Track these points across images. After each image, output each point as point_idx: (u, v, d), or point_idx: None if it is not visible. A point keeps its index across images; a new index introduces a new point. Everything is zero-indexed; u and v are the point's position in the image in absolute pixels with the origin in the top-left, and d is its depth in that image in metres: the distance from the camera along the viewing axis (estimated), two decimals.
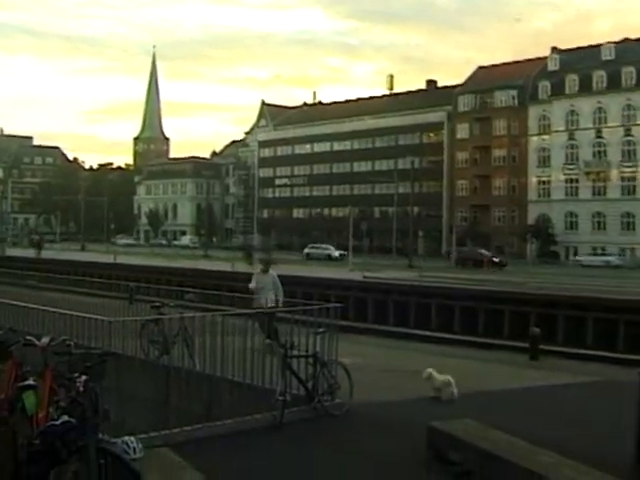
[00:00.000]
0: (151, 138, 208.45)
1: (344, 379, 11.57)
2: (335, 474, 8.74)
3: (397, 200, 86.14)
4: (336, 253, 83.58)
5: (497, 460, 8.18)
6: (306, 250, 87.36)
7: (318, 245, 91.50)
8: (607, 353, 25.06)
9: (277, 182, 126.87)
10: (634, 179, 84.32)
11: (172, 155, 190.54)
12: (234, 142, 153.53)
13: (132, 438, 6.27)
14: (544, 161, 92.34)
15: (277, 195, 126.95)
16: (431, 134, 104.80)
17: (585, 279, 47.15)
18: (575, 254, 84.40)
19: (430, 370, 12.84)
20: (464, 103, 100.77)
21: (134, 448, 6.10)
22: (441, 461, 8.98)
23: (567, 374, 17.22)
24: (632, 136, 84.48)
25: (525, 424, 11.10)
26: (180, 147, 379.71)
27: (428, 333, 30.68)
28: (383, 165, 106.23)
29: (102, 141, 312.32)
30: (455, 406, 12.38)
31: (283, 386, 10.63)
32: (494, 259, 70.80)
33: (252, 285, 16.23)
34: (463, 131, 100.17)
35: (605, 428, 11.26)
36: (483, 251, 75.32)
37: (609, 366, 21.04)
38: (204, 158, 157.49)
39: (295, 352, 11.09)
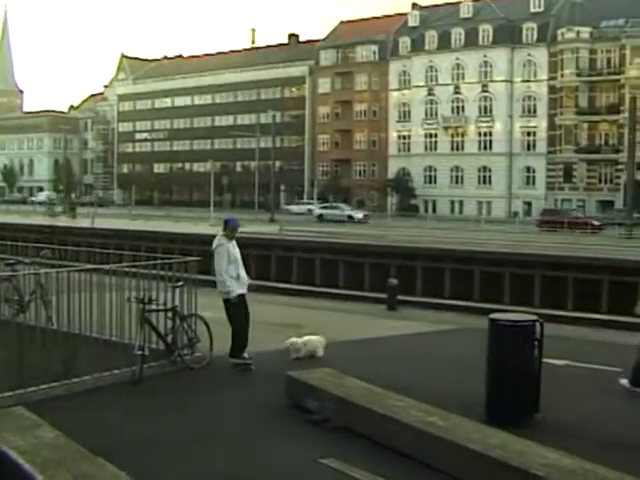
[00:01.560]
0: (3, 91, 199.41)
1: (204, 333, 11.67)
2: (193, 426, 8.82)
3: (259, 154, 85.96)
4: (359, 215, 68.84)
5: (351, 406, 8.49)
6: (318, 210, 72.90)
7: (335, 205, 76.93)
8: (463, 302, 26.09)
9: (137, 137, 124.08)
10: (490, 134, 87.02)
11: (27, 109, 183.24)
12: (92, 96, 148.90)
13: None
14: (404, 116, 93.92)
15: (137, 150, 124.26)
16: (293, 88, 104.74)
17: (443, 232, 48.68)
18: (434, 207, 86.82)
19: (290, 341, 12.41)
20: (326, 58, 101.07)
21: None
22: (299, 409, 9.23)
23: (423, 323, 17.91)
24: (488, 92, 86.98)
25: (380, 371, 11.53)
26: (35, 101, 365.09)
27: (289, 286, 31.05)
28: (245, 119, 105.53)
29: None
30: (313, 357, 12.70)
31: (142, 341, 10.61)
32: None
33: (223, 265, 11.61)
34: (325, 86, 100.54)
35: (456, 371, 11.83)
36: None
37: (465, 315, 21.95)
38: (61, 112, 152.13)
39: (154, 306, 11.08)
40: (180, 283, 11.54)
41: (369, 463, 7.48)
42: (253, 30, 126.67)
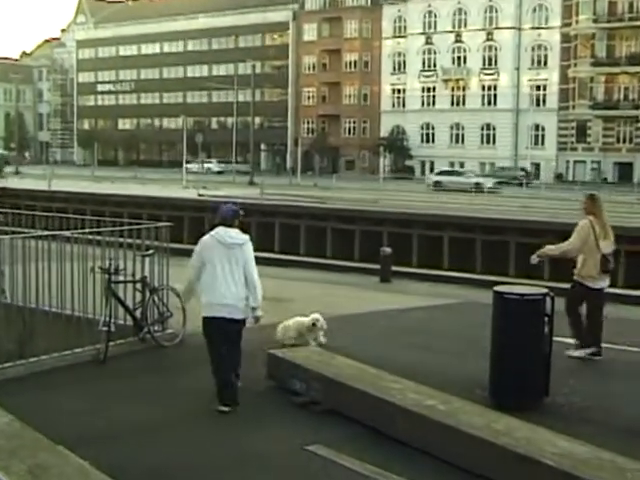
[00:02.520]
0: None
1: (177, 307, 11.63)
2: (164, 411, 8.80)
3: (237, 109, 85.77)
4: (489, 183, 62.96)
5: (342, 387, 8.51)
6: (434, 177, 67.18)
7: (458, 170, 73.35)
8: (464, 274, 26.13)
9: (99, 88, 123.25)
10: (494, 88, 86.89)
11: None
12: (48, 41, 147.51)
13: None
14: (399, 67, 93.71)
15: (100, 103, 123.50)
16: (275, 35, 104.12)
17: (441, 196, 48.66)
18: (432, 169, 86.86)
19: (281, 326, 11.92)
20: (312, 1, 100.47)
21: None
22: (283, 391, 9.25)
23: (420, 296, 17.98)
24: (493, 41, 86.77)
25: (373, 349, 11.58)
26: None
27: (272, 255, 31.04)
28: (221, 70, 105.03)
29: None
30: None
31: (107, 316, 10.58)
32: None
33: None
34: (310, 32, 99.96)
35: (458, 350, 11.88)
36: None
37: (466, 288, 22.01)
38: (12, 59, 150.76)
39: (121, 277, 11.05)
40: (150, 251, 11.53)
41: (360, 450, 7.51)
42: None
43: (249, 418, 8.50)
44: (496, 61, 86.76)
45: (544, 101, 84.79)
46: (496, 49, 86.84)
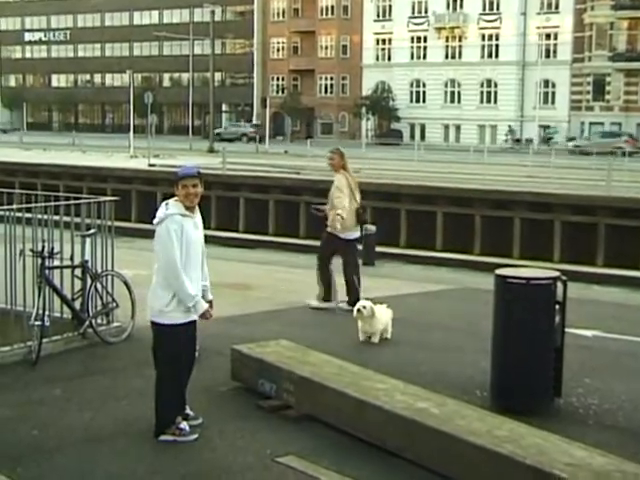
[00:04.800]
0: None
1: (124, 296, 11.67)
2: (109, 420, 8.73)
3: (193, 64, 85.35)
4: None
5: (318, 389, 8.52)
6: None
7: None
8: (460, 256, 26.27)
9: (27, 37, 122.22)
10: (496, 37, 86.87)
11: None
12: None
13: None
14: (384, 13, 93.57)
15: (28, 56, 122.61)
16: None
17: (434, 165, 48.76)
18: (422, 134, 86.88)
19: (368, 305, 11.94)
20: None
21: None
22: (249, 394, 9.25)
23: (409, 282, 18.06)
24: None
25: (355, 344, 11.66)
26: None
27: (235, 235, 31.11)
28: (174, 16, 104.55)
29: None
30: (269, 323, 12.82)
31: (40, 307, 10.53)
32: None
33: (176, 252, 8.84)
34: None
35: (454, 344, 11.94)
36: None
37: (463, 272, 22.13)
38: None
39: (56, 262, 11.00)
40: (91, 231, 11.48)
41: (340, 462, 7.52)
42: None
43: (210, 426, 8.48)
44: (498, 5, 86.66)
45: (555, 52, 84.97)
46: None
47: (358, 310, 11.73)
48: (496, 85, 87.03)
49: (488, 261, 23.31)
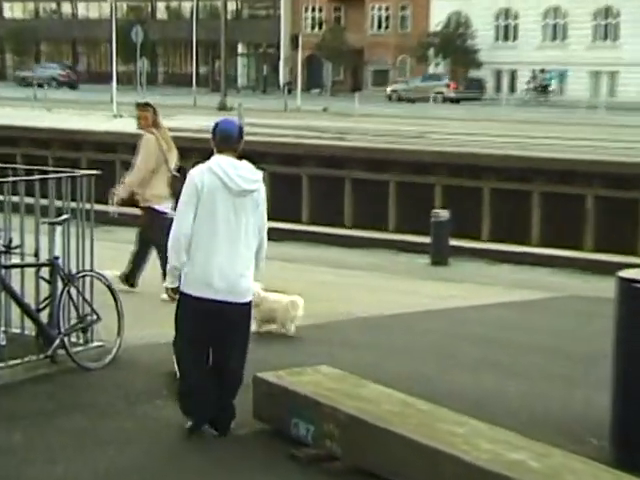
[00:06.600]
0: None
1: (108, 306, 11.70)
2: (83, 473, 8.75)
3: None
4: None
5: (374, 434, 8.51)
6: None
7: None
8: (565, 252, 26.12)
9: None
10: None
11: None
12: None
13: None
14: None
15: None
16: None
17: (529, 127, 48.60)
18: (512, 84, 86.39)
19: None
20: None
21: None
22: (280, 439, 9.26)
23: (495, 287, 18.02)
24: None
25: (421, 370, 11.68)
26: None
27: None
28: None
29: None
30: (301, 343, 12.93)
31: None
32: None
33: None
34: None
35: (556, 372, 11.86)
36: None
37: (569, 274, 22.09)
38: None
39: (15, 259, 11.06)
40: (63, 217, 11.51)
41: None
42: None
43: None
44: None
45: None
46: None
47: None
48: (618, 14, 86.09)
49: (605, 259, 23.23)
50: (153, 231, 14.72)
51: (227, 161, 9.00)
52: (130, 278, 15.19)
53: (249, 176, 9.04)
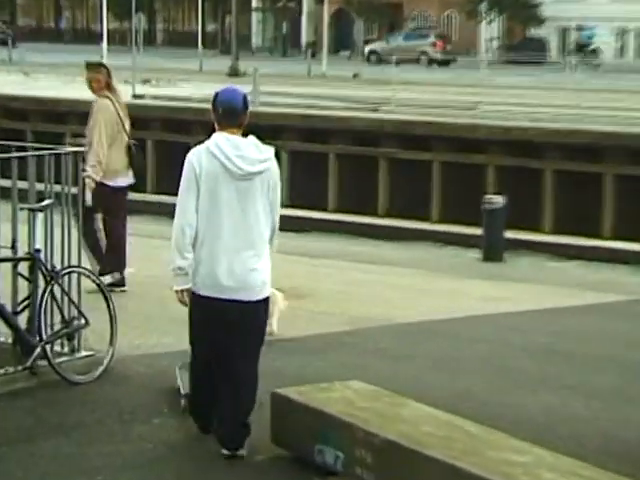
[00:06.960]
0: None
1: (99, 309, 11.73)
2: None
3: None
4: None
5: (415, 461, 8.48)
6: None
7: None
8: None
9: None
10: None
11: None
12: None
13: None
14: None
15: None
16: None
17: (598, 96, 48.64)
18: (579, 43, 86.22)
19: None
20: None
21: None
22: (302, 465, 9.25)
23: (560, 288, 17.97)
24: None
25: (471, 386, 11.67)
26: None
27: None
28: None
29: None
30: (327, 352, 12.94)
31: None
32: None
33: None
34: None
35: (632, 391, 11.90)
36: None
37: None
38: None
39: None
40: (45, 202, 11.50)
41: None
42: None
43: None
44: None
45: None
46: None
47: None
48: None
49: None
50: (95, 204, 14.93)
51: (227, 140, 9.11)
52: (106, 267, 15.03)
53: (254, 156, 9.10)
